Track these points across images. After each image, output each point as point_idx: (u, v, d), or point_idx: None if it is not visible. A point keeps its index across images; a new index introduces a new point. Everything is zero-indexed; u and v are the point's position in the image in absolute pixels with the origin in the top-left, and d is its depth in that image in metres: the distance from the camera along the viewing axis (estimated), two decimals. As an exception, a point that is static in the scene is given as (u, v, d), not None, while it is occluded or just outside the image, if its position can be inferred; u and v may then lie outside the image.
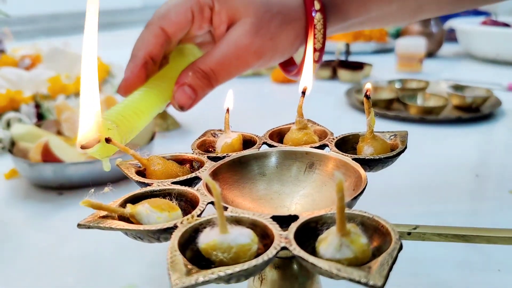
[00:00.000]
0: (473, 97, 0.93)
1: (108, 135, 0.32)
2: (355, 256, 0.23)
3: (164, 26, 0.44)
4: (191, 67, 0.44)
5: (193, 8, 0.45)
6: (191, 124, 0.92)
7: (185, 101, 0.43)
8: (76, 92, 0.97)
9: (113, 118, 0.34)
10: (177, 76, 0.44)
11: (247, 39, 0.45)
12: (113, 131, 0.33)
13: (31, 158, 0.63)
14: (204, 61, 0.44)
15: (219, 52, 0.45)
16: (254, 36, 0.45)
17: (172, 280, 0.22)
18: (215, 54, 0.45)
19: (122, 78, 0.43)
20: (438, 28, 1.58)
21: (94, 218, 0.28)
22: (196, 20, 0.46)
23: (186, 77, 0.44)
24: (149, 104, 0.40)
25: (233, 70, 0.46)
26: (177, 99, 0.43)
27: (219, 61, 0.44)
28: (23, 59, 1.13)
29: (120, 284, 0.45)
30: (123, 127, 0.35)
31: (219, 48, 0.45)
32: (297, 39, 0.49)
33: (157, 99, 0.42)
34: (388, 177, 0.64)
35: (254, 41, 0.45)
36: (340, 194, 0.22)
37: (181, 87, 0.43)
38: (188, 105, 0.44)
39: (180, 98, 0.43)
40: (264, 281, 0.33)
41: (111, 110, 0.36)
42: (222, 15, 0.46)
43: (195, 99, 0.44)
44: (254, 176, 0.37)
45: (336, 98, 1.10)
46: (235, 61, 0.45)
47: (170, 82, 0.44)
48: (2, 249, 0.51)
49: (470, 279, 0.44)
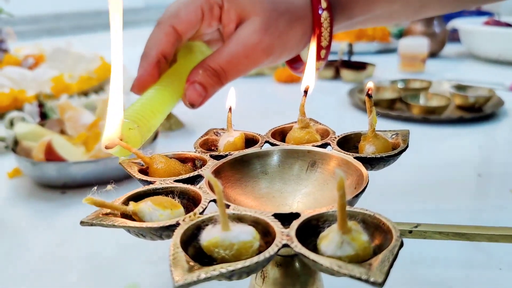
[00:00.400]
0: (475, 97, 0.93)
1: (129, 135, 0.33)
2: (356, 253, 0.23)
3: (175, 24, 0.45)
4: (201, 65, 0.45)
5: (203, 7, 0.45)
6: (194, 123, 0.92)
7: (196, 99, 0.44)
8: (79, 92, 0.97)
9: (133, 118, 0.36)
10: (187, 74, 0.45)
11: (256, 37, 0.45)
12: (134, 131, 0.35)
13: (35, 157, 0.63)
14: (214, 59, 0.45)
15: (229, 50, 0.45)
16: (263, 34, 0.46)
17: (174, 276, 0.22)
18: (224, 52, 0.45)
19: (136, 76, 0.44)
20: (441, 28, 1.58)
21: (97, 216, 0.28)
22: (206, 19, 0.46)
23: (196, 75, 0.44)
24: (164, 102, 0.41)
25: (242, 68, 0.46)
26: (188, 97, 0.44)
27: (229, 59, 0.45)
28: (26, 59, 1.14)
29: (122, 283, 0.45)
30: (143, 126, 0.36)
31: (228, 47, 0.45)
32: (304, 36, 0.50)
33: (170, 97, 0.42)
34: (390, 176, 0.64)
35: (263, 39, 0.46)
36: (341, 192, 0.22)
37: (192, 85, 0.44)
38: (198, 102, 0.44)
39: (191, 96, 0.44)
40: (266, 279, 0.33)
41: (130, 110, 0.37)
42: (231, 14, 0.46)
43: (206, 97, 0.45)
44: (256, 174, 0.37)
45: (339, 98, 1.10)
46: (244, 59, 0.46)
47: (181, 80, 0.44)
48: (6, 248, 0.51)
49: (472, 278, 0.44)
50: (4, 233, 0.54)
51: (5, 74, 0.96)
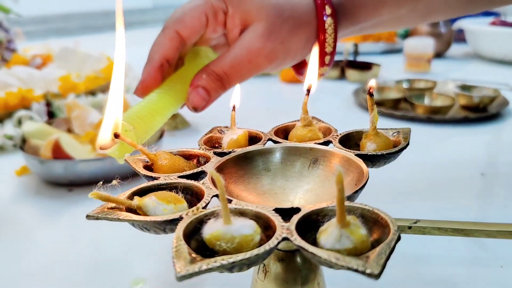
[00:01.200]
0: (480, 97, 0.93)
1: (125, 136, 0.33)
2: (354, 247, 0.24)
3: (179, 29, 0.46)
4: (205, 69, 0.45)
5: (207, 12, 0.46)
6: (200, 123, 0.93)
7: (199, 103, 0.44)
8: (86, 91, 0.98)
9: (130, 120, 0.36)
10: (191, 78, 0.45)
11: (259, 43, 0.46)
12: (130, 132, 0.35)
13: (42, 155, 0.64)
14: (217, 64, 0.46)
15: (232, 55, 0.46)
16: (265, 40, 0.46)
17: (177, 267, 0.22)
18: (228, 57, 0.46)
19: (139, 80, 0.44)
20: (447, 28, 1.58)
21: (103, 210, 0.29)
22: (210, 24, 0.47)
23: (200, 79, 0.45)
24: (164, 105, 0.41)
25: (245, 73, 0.47)
26: (191, 101, 0.44)
27: (232, 64, 0.45)
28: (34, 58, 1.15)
29: (129, 278, 0.46)
30: (139, 128, 0.36)
31: (232, 52, 0.46)
32: (308, 42, 0.50)
33: (172, 100, 0.43)
34: (395, 175, 0.65)
35: (266, 45, 0.46)
36: (339, 186, 0.23)
37: (195, 89, 0.44)
38: (201, 106, 0.45)
39: (194, 100, 0.44)
40: (268, 273, 0.34)
41: (129, 112, 0.37)
42: (236, 19, 0.47)
43: (209, 101, 0.45)
44: (259, 171, 0.37)
45: (344, 98, 1.10)
46: (247, 64, 0.46)
47: (185, 84, 0.45)
48: (13, 245, 0.52)
49: (473, 276, 0.45)
50: (11, 230, 0.55)
51: (13, 73, 0.97)
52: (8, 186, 0.67)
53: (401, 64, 1.42)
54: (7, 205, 0.61)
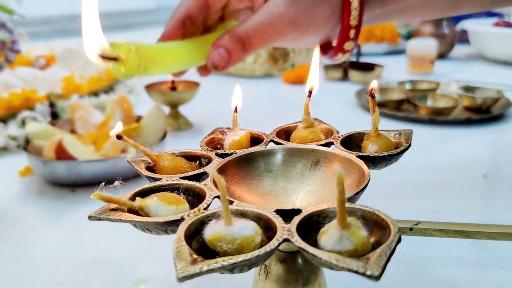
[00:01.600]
0: (483, 98, 0.93)
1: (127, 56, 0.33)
2: (355, 248, 0.24)
3: None
4: (228, 31, 0.46)
5: None
6: (203, 124, 0.93)
7: (219, 61, 0.44)
8: (89, 92, 0.98)
9: (136, 44, 0.35)
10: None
11: (282, 8, 0.46)
12: (132, 53, 0.34)
13: (45, 156, 0.65)
14: (241, 27, 0.46)
15: (256, 19, 0.46)
16: (289, 5, 0.46)
17: (178, 268, 0.23)
18: (251, 21, 0.46)
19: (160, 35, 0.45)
20: (450, 29, 1.58)
21: (104, 211, 0.29)
22: None
23: (222, 39, 0.45)
24: (181, 51, 0.41)
25: (267, 38, 0.47)
26: (211, 58, 0.44)
27: (255, 28, 0.46)
28: (38, 59, 1.15)
29: (130, 279, 0.46)
30: (144, 53, 0.35)
31: (255, 16, 0.46)
32: (332, 16, 0.50)
33: (187, 50, 0.43)
34: (396, 176, 0.65)
35: (289, 10, 0.46)
36: (340, 187, 0.23)
37: (216, 48, 0.45)
38: (222, 65, 0.45)
39: (214, 57, 0.44)
40: (270, 274, 0.34)
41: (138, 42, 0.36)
42: None
43: (229, 61, 0.45)
44: (260, 172, 0.38)
45: (347, 99, 1.10)
46: (270, 29, 0.46)
47: (206, 45, 0.45)
48: (16, 245, 0.53)
49: (475, 278, 0.45)
50: (15, 231, 0.55)
51: (17, 74, 0.97)
52: (12, 187, 0.67)
53: (404, 65, 1.42)
54: (11, 206, 0.61)
